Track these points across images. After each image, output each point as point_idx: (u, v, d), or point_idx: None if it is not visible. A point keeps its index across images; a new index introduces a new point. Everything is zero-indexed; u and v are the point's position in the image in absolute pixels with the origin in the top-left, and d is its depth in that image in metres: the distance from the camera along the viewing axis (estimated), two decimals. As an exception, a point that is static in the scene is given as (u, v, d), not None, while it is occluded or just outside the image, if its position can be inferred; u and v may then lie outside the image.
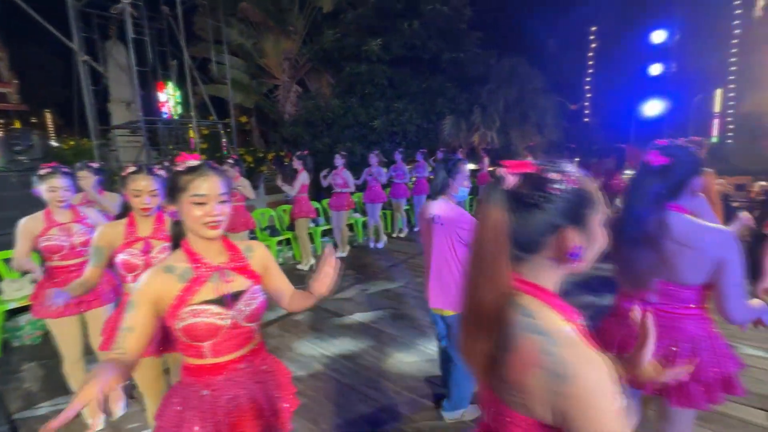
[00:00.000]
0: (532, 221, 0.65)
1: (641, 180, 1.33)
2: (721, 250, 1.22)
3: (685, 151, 1.31)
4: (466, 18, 10.10)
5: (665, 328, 1.35)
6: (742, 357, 2.72)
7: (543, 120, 10.02)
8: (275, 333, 3.42)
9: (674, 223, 1.28)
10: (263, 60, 13.08)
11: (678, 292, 1.33)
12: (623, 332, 1.44)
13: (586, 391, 0.58)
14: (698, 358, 1.30)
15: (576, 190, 0.66)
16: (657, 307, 1.36)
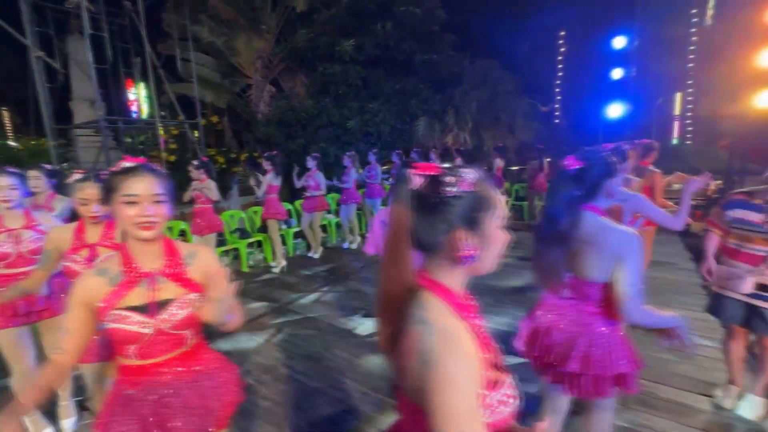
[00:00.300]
0: (430, 222, 0.69)
1: (559, 183, 1.45)
2: (621, 249, 1.32)
3: (599, 156, 1.42)
4: (438, 20, 10.22)
5: (572, 321, 1.47)
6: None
7: (514, 121, 10.26)
8: (240, 337, 3.35)
9: (585, 223, 1.39)
10: (235, 59, 12.80)
11: (586, 289, 1.43)
12: (541, 321, 1.59)
13: (440, 380, 0.61)
14: (592, 353, 1.40)
15: (469, 193, 0.69)
16: (568, 300, 1.48)
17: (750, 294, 2.13)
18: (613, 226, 1.37)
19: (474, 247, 0.70)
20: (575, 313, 1.48)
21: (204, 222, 3.93)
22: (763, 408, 2.22)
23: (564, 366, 1.45)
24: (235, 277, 1.20)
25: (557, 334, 1.51)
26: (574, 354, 1.43)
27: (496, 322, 3.43)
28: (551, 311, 1.57)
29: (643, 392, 2.44)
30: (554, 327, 1.53)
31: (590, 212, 1.42)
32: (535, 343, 1.58)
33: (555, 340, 1.51)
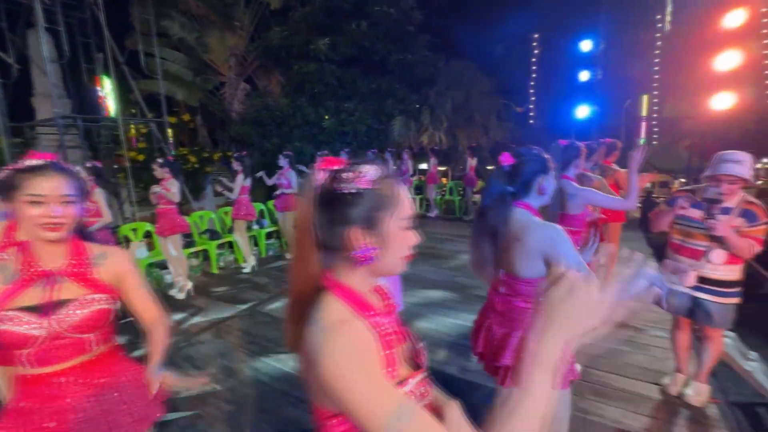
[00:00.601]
0: (328, 219, 0.67)
1: (492, 179, 1.48)
2: (545, 244, 1.36)
3: (532, 154, 1.45)
4: (414, 21, 10.28)
5: (506, 317, 1.51)
6: (648, 339, 3.04)
7: (489, 121, 10.44)
8: (207, 339, 3.29)
9: (515, 219, 1.42)
10: (208, 56, 12.51)
11: (517, 285, 1.46)
12: (483, 317, 1.64)
13: (330, 373, 0.60)
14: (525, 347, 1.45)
15: (368, 191, 0.66)
16: (503, 296, 1.52)
17: (693, 287, 2.25)
18: (538, 222, 1.41)
19: (371, 247, 0.67)
20: (508, 309, 1.51)
21: (167, 223, 3.81)
22: (706, 394, 2.35)
23: (498, 360, 1.49)
24: (205, 279, 1.17)
25: (496, 329, 1.56)
26: (508, 347, 1.47)
27: (465, 319, 3.48)
28: (491, 308, 1.61)
29: (597, 382, 2.55)
30: (493, 323, 1.57)
31: (521, 209, 1.45)
32: (478, 339, 1.63)
33: (494, 336, 1.55)
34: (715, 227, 2.03)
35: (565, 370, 1.49)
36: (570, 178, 2.47)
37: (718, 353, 2.32)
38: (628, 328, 3.30)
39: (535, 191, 1.46)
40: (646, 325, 3.33)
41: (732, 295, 2.18)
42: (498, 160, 1.48)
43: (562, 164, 2.47)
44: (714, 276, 2.18)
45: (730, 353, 3.21)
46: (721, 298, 2.18)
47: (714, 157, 2.16)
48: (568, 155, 2.46)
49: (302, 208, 0.69)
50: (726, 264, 2.15)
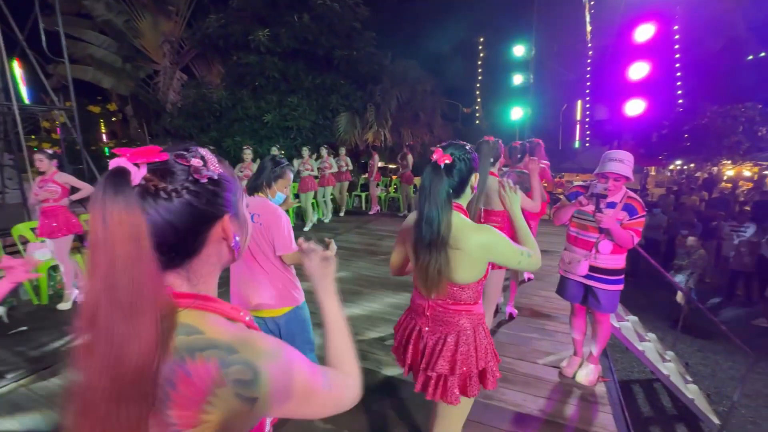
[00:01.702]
0: (183, 218, 0.55)
1: (430, 179, 1.28)
2: (483, 248, 1.29)
3: (463, 150, 1.32)
4: (361, 17, 10.22)
5: (438, 321, 1.40)
6: (556, 325, 3.25)
7: (433, 120, 10.66)
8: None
9: (453, 223, 1.28)
10: (139, 41, 11.59)
11: (454, 292, 1.36)
12: (410, 325, 1.51)
13: (280, 384, 0.55)
14: (459, 352, 1.35)
15: (224, 175, 0.61)
16: (434, 300, 1.40)
17: (585, 275, 2.43)
18: (473, 226, 1.31)
19: (237, 234, 0.63)
20: (440, 313, 1.40)
21: (57, 222, 3.40)
22: (597, 374, 2.56)
23: (433, 368, 1.38)
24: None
25: (427, 336, 1.43)
26: (442, 354, 1.37)
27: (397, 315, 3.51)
28: (419, 313, 1.47)
29: (504, 369, 2.68)
30: (423, 329, 1.45)
31: (456, 211, 1.32)
32: (407, 349, 1.48)
33: (425, 344, 1.43)
34: (602, 220, 2.20)
35: None
36: (495, 174, 2.56)
37: (607, 336, 2.53)
38: (541, 316, 3.52)
39: (469, 190, 1.37)
40: (557, 312, 3.57)
41: (617, 282, 2.38)
42: (431, 158, 1.29)
43: (493, 161, 2.56)
44: (602, 265, 2.36)
45: (626, 336, 3.54)
46: (608, 285, 2.37)
47: (602, 156, 2.34)
48: (496, 152, 2.55)
49: (118, 222, 0.47)
50: (612, 254, 2.34)
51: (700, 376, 4.50)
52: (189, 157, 0.58)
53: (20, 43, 4.78)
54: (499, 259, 1.32)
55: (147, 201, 0.52)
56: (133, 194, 0.50)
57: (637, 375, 4.62)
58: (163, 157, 0.55)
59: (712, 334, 5.31)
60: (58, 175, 3.42)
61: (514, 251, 1.31)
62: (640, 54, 7.26)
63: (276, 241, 1.90)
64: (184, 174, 0.56)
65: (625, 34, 7.39)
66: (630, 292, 6.72)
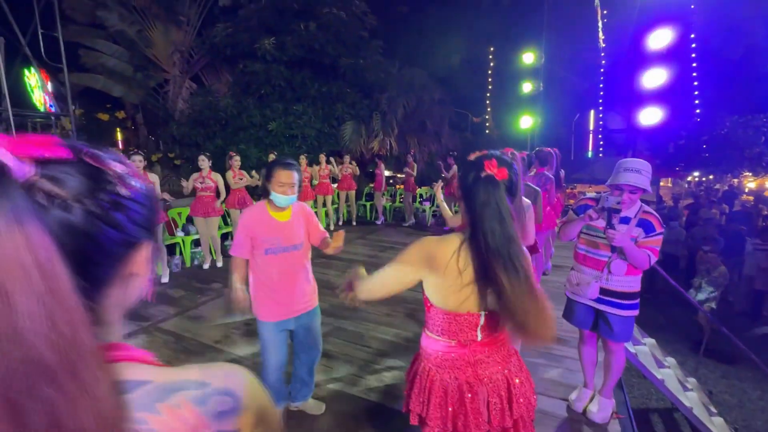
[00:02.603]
0: (96, 242, 0.39)
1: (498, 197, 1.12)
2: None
3: (518, 163, 1.22)
4: (368, 26, 10.18)
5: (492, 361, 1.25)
6: (566, 350, 2.97)
7: (441, 129, 10.48)
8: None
9: None
10: (150, 50, 11.74)
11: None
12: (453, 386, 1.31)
13: (256, 401, 0.49)
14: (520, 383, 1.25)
15: (147, 189, 0.46)
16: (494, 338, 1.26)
17: (596, 299, 2.17)
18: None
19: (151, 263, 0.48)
20: (503, 344, 1.30)
21: None
22: (610, 410, 2.28)
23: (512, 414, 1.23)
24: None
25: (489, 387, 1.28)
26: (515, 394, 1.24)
27: (394, 334, 3.28)
28: (458, 367, 1.33)
29: (507, 401, 2.42)
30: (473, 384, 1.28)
31: None
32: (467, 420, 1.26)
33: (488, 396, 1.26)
34: (614, 237, 1.96)
35: None
36: None
37: (621, 367, 2.26)
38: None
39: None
40: (569, 335, 3.27)
41: (632, 308, 2.12)
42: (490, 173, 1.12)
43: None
44: (614, 288, 2.11)
45: (643, 361, 3.23)
46: (621, 310, 2.11)
47: (616, 165, 2.10)
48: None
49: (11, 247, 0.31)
50: (626, 275, 2.09)
51: (725, 406, 4.13)
52: (106, 160, 0.42)
53: (23, 51, 4.74)
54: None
55: (42, 212, 0.35)
56: (20, 203, 0.33)
57: (656, 403, 4.27)
58: (67, 155, 0.39)
59: (737, 359, 4.91)
60: None
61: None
62: (654, 61, 6.99)
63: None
64: (104, 181, 0.41)
65: (639, 40, 7.13)
66: (647, 311, 6.36)
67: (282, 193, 1.90)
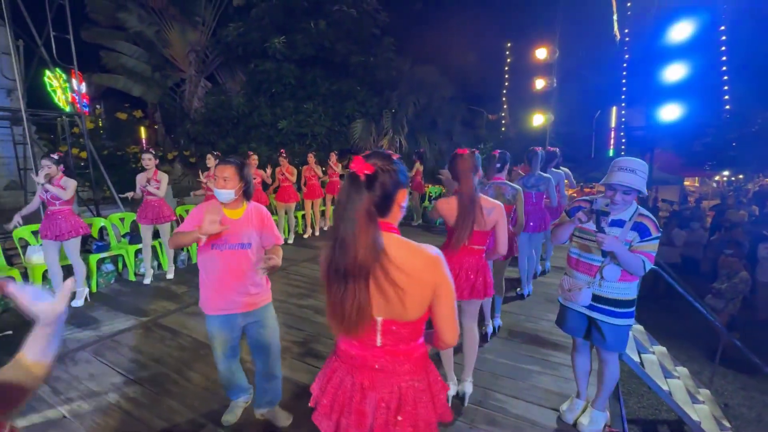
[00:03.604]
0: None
1: (347, 194, 1.03)
2: (434, 274, 1.05)
3: (389, 160, 1.09)
4: (380, 23, 10.11)
5: (382, 377, 1.12)
6: (562, 357, 2.84)
7: (452, 127, 10.32)
8: (82, 359, 2.92)
9: (388, 247, 1.04)
10: (167, 51, 12.02)
11: (400, 330, 1.10)
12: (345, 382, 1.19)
13: None
14: (419, 407, 1.12)
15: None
16: (370, 350, 1.12)
17: (588, 306, 2.06)
18: (418, 248, 1.07)
19: None
20: (387, 365, 1.12)
21: (65, 225, 3.47)
22: (602, 423, 2.16)
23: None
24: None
25: (371, 396, 1.12)
26: (406, 415, 1.11)
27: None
28: (356, 367, 1.16)
29: (494, 408, 2.33)
30: (365, 387, 1.14)
31: (387, 232, 1.08)
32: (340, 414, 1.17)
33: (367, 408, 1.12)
34: (604, 241, 1.85)
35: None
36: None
37: (614, 378, 2.14)
38: (546, 345, 3.12)
39: (396, 210, 1.11)
40: (566, 341, 3.14)
41: (626, 316, 2.00)
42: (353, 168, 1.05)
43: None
44: (607, 294, 1.99)
45: (649, 371, 3.06)
46: (614, 318, 2.00)
47: (611, 164, 1.98)
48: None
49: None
50: (620, 281, 1.97)
51: (742, 420, 3.89)
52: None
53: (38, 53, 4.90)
54: (445, 295, 1.08)
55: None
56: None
57: (666, 414, 4.06)
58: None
59: (758, 369, 4.63)
60: (63, 179, 3.47)
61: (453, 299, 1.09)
62: (676, 55, 6.65)
63: None
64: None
65: (660, 33, 6.79)
66: (663, 317, 6.09)
67: (216, 186, 1.92)
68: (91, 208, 5.45)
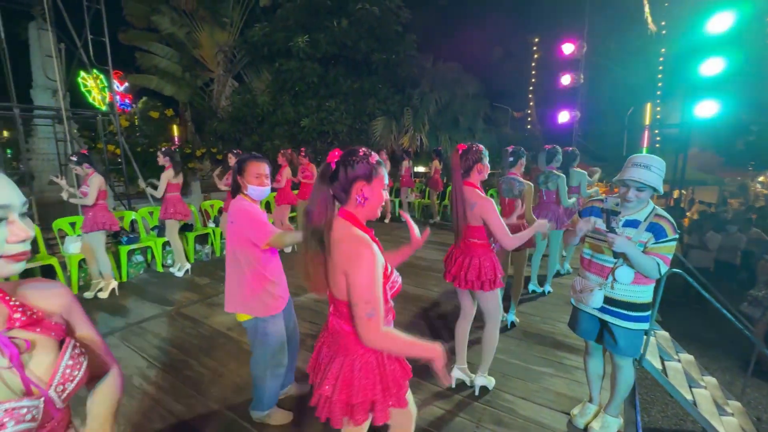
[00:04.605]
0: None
1: (318, 180, 1.24)
2: (345, 261, 1.17)
3: (354, 156, 1.23)
4: (402, 20, 10.08)
5: (333, 338, 1.33)
6: (577, 360, 2.77)
7: (475, 124, 10.18)
8: (115, 343, 3.11)
9: (333, 229, 1.23)
10: (197, 51, 12.46)
11: (338, 304, 1.26)
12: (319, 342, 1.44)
13: None
14: (342, 375, 1.26)
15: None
16: (331, 315, 1.33)
17: (600, 308, 2.01)
18: (347, 235, 1.20)
19: None
20: (335, 330, 1.32)
21: (95, 219, 3.71)
22: (615, 428, 2.10)
23: (320, 388, 1.29)
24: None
25: (325, 351, 1.36)
26: (329, 375, 1.28)
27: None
28: (325, 327, 1.42)
29: (503, 408, 2.31)
30: (324, 344, 1.38)
31: (340, 218, 1.24)
32: (314, 366, 1.42)
33: (322, 359, 1.37)
34: (614, 241, 1.79)
35: None
36: (472, 184, 2.25)
37: (628, 384, 2.07)
38: (562, 347, 3.04)
39: (354, 199, 1.24)
40: (583, 345, 3.06)
41: (640, 320, 1.93)
42: (327, 159, 1.27)
43: (464, 170, 2.26)
44: (620, 297, 1.93)
45: (672, 380, 2.94)
46: (627, 322, 1.93)
47: (626, 161, 1.92)
48: (468, 161, 2.24)
49: None
50: (634, 284, 1.91)
51: (776, 435, 3.66)
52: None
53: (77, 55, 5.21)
54: (350, 279, 1.16)
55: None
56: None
57: (691, 425, 3.88)
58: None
59: (797, 383, 4.34)
60: (91, 177, 3.69)
61: (365, 285, 1.13)
62: (716, 47, 6.28)
63: (251, 236, 1.92)
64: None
65: (700, 25, 6.43)
66: (694, 324, 5.80)
67: (256, 184, 1.97)
68: (123, 202, 5.75)
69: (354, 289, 1.14)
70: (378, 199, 1.27)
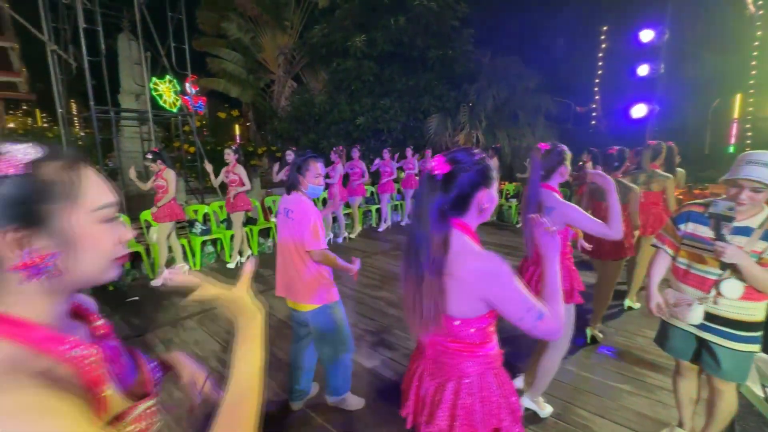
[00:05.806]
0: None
1: (423, 191, 1.07)
2: (483, 285, 1.01)
3: (471, 158, 1.07)
4: (459, 15, 9.86)
5: (438, 363, 1.16)
6: (661, 379, 2.52)
7: (535, 120, 9.69)
8: (190, 326, 3.38)
9: (450, 244, 1.05)
10: (260, 54, 13.15)
11: (450, 324, 1.09)
12: (413, 367, 1.26)
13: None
14: (459, 403, 1.10)
15: (19, 178, 0.49)
16: (434, 337, 1.14)
17: (699, 325, 1.79)
18: (475, 252, 1.04)
19: (45, 253, 0.51)
20: (439, 353, 1.15)
21: (163, 210, 4.11)
22: (711, 460, 1.88)
23: (432, 421, 1.13)
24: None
25: (427, 381, 1.18)
26: (442, 404, 1.12)
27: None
28: (420, 353, 1.23)
29: (577, 425, 2.16)
30: (425, 372, 1.20)
31: (457, 231, 1.07)
32: (409, 394, 1.25)
33: (426, 390, 1.19)
34: (724, 251, 1.58)
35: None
36: (552, 188, 2.10)
37: (729, 412, 1.84)
38: (642, 363, 2.79)
39: (475, 209, 1.09)
40: (667, 361, 2.77)
41: (751, 341, 1.70)
42: (429, 167, 1.09)
43: (545, 172, 2.13)
44: (725, 314, 1.71)
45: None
46: (734, 342, 1.71)
47: (738, 159, 1.69)
48: (550, 162, 2.11)
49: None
50: (743, 299, 1.68)
51: None
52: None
53: (161, 62, 5.72)
54: (498, 300, 1.01)
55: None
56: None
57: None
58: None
59: None
60: (164, 172, 4.07)
61: (518, 298, 1.00)
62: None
63: (304, 237, 1.98)
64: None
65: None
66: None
67: (316, 184, 2.05)
68: (197, 196, 6.23)
69: (510, 308, 1.01)
70: (495, 202, 1.11)
